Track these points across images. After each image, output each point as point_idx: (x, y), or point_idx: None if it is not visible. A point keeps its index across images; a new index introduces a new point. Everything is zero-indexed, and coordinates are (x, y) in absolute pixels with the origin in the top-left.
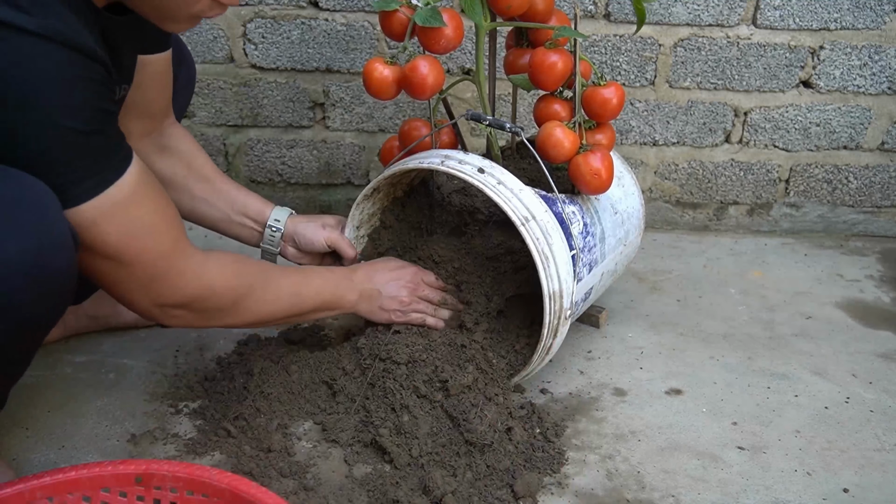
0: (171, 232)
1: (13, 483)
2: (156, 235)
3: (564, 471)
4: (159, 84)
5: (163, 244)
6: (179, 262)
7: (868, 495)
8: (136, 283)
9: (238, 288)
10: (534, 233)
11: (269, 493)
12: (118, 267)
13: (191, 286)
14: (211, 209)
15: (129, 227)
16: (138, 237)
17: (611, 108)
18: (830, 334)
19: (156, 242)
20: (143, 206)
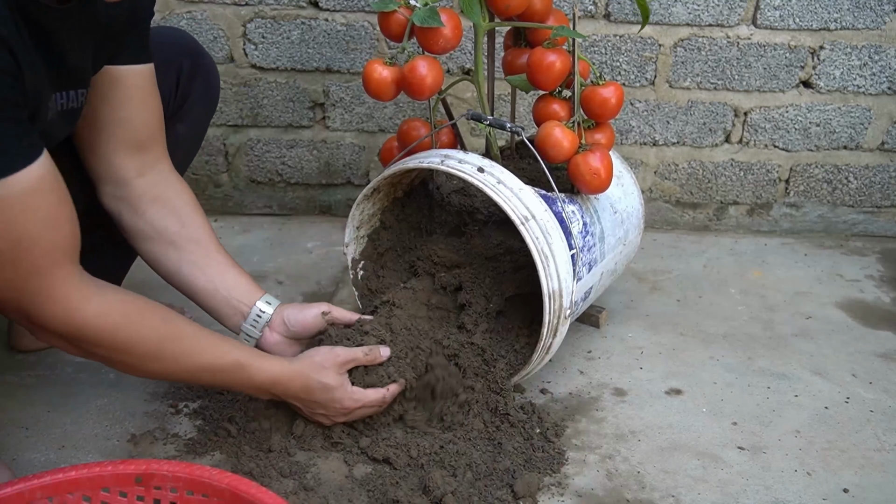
0: (54, 253)
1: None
2: (35, 249)
3: (564, 471)
4: (142, 103)
5: (39, 262)
6: (55, 285)
7: (868, 495)
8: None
9: (119, 342)
10: (533, 232)
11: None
12: None
13: (59, 319)
14: (198, 275)
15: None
16: (13, 247)
17: (610, 107)
18: (830, 334)
19: (32, 258)
20: (30, 213)
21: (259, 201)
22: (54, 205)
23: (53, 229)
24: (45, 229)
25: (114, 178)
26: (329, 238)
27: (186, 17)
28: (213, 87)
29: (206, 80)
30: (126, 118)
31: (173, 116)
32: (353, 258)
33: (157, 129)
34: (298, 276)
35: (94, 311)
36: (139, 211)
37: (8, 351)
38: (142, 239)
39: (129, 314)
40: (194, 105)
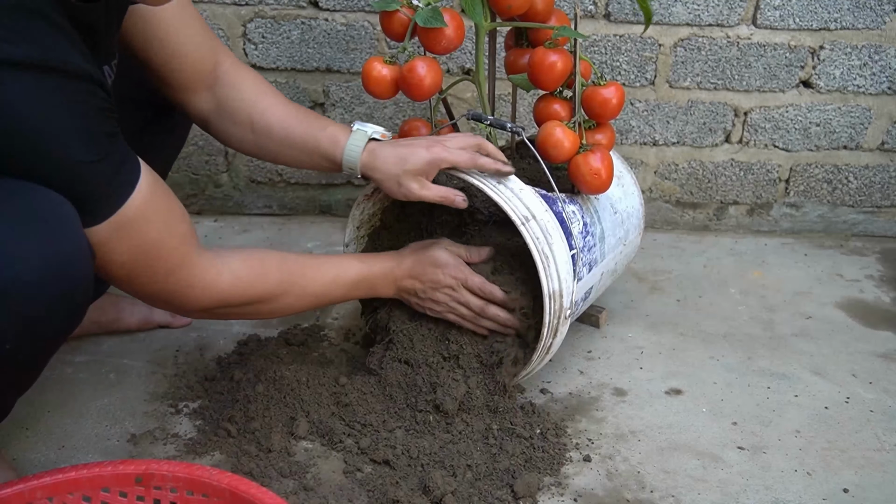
0: (182, 246)
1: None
2: (166, 251)
3: (564, 471)
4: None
5: (173, 259)
6: (190, 272)
7: (868, 495)
8: (152, 296)
9: (254, 297)
10: (534, 232)
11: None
12: (130, 282)
13: (202, 298)
14: (290, 154)
15: (140, 244)
16: (148, 255)
17: (611, 108)
18: (830, 334)
19: (166, 258)
20: (153, 221)
21: (259, 201)
22: (165, 207)
23: (173, 228)
24: (166, 231)
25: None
26: (329, 238)
27: None
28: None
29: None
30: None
31: None
32: None
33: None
34: None
35: (228, 280)
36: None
37: None
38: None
39: (254, 269)
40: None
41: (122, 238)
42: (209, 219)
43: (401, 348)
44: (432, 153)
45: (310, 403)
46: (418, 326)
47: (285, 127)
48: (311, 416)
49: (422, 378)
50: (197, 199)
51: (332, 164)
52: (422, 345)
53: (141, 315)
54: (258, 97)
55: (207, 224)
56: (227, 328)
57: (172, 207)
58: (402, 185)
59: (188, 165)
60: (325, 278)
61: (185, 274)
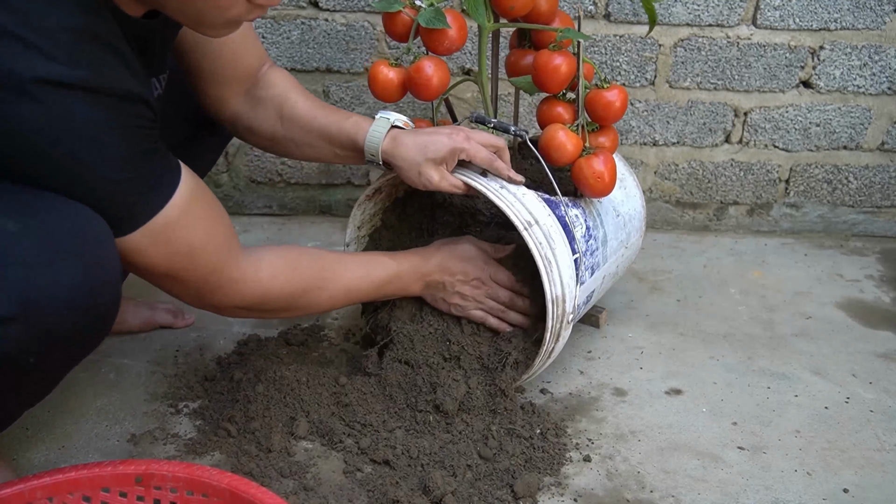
0: (221, 249)
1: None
2: (204, 255)
3: (564, 471)
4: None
5: (211, 261)
6: (230, 273)
7: (868, 495)
8: (191, 295)
9: (293, 291)
10: (537, 237)
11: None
12: (171, 283)
13: (243, 294)
14: (315, 151)
15: (178, 249)
16: (186, 258)
17: (614, 110)
18: (830, 334)
19: (205, 261)
20: (191, 227)
21: (259, 201)
22: (207, 209)
23: (214, 229)
24: (208, 234)
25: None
26: (329, 238)
27: None
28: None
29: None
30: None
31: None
32: None
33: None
34: None
35: (267, 277)
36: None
37: None
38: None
39: (291, 263)
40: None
41: (159, 244)
42: None
43: (401, 348)
44: (454, 140)
45: (310, 403)
46: (419, 327)
47: (312, 116)
48: (311, 417)
49: (422, 378)
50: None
51: (354, 150)
52: (422, 345)
53: (143, 316)
54: (289, 91)
55: None
56: (227, 328)
57: (214, 210)
58: (423, 174)
59: None
60: (357, 274)
61: (226, 275)
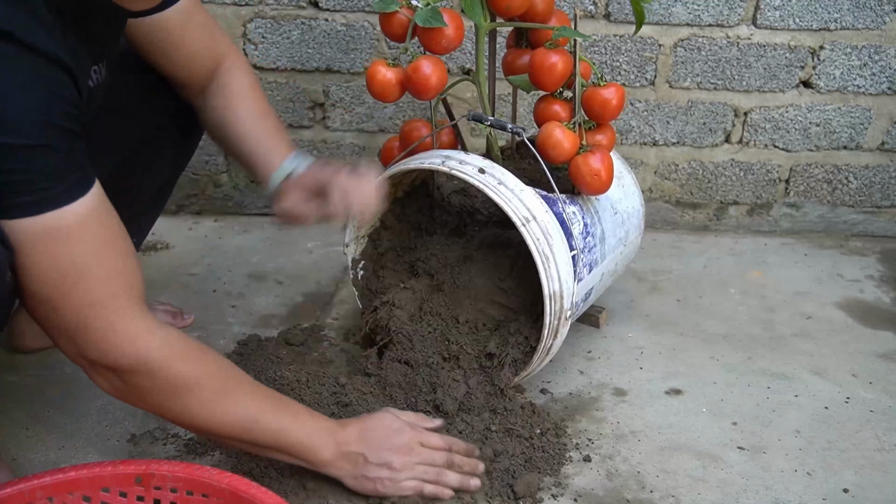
0: (111, 284)
1: (13, 483)
2: (89, 281)
3: (564, 471)
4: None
5: (94, 293)
6: (113, 318)
7: (868, 495)
8: (62, 328)
9: (182, 378)
10: (534, 233)
11: (269, 493)
12: (43, 307)
13: (119, 349)
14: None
15: (60, 263)
16: (66, 278)
17: (611, 108)
18: (830, 334)
19: (87, 288)
20: (83, 245)
21: (259, 201)
22: (106, 237)
23: (106, 260)
24: (97, 260)
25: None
26: (329, 238)
27: None
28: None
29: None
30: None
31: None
32: (353, 258)
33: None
34: (298, 276)
35: (159, 342)
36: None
37: (8, 351)
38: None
39: (193, 350)
40: None
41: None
42: (209, 219)
43: (401, 348)
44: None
45: (310, 403)
46: (419, 327)
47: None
48: None
49: (422, 378)
50: (197, 199)
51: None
52: (422, 345)
53: None
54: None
55: (207, 224)
56: (227, 328)
57: (116, 243)
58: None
59: (188, 165)
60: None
61: (107, 315)
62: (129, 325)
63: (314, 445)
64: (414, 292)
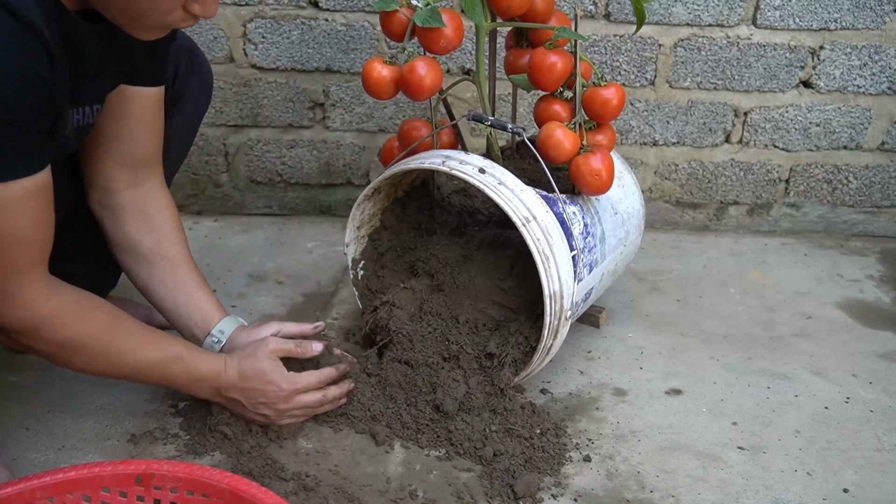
0: (33, 253)
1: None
2: (17, 247)
3: (564, 471)
4: (147, 124)
5: (19, 262)
6: (26, 284)
7: (868, 495)
8: None
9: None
10: (534, 233)
11: (269, 493)
12: None
13: (18, 313)
14: (165, 295)
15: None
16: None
17: (611, 108)
18: (830, 334)
19: (14, 258)
20: (20, 217)
21: (259, 201)
22: (44, 209)
23: (37, 231)
24: (31, 231)
25: (103, 186)
26: (329, 238)
27: None
28: (208, 84)
29: (201, 77)
30: (128, 136)
31: (170, 110)
32: (354, 258)
33: (155, 150)
34: (298, 276)
35: (53, 307)
36: (119, 221)
37: (8, 351)
38: (119, 249)
39: (83, 312)
40: (189, 100)
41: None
42: (209, 219)
43: (401, 349)
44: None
45: None
46: (418, 327)
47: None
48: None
49: (422, 378)
50: (197, 199)
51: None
52: (422, 345)
53: (141, 316)
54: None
55: (207, 224)
56: None
57: (48, 214)
58: None
59: (188, 165)
60: (145, 357)
61: (22, 281)
62: (35, 291)
63: (195, 389)
64: (414, 292)
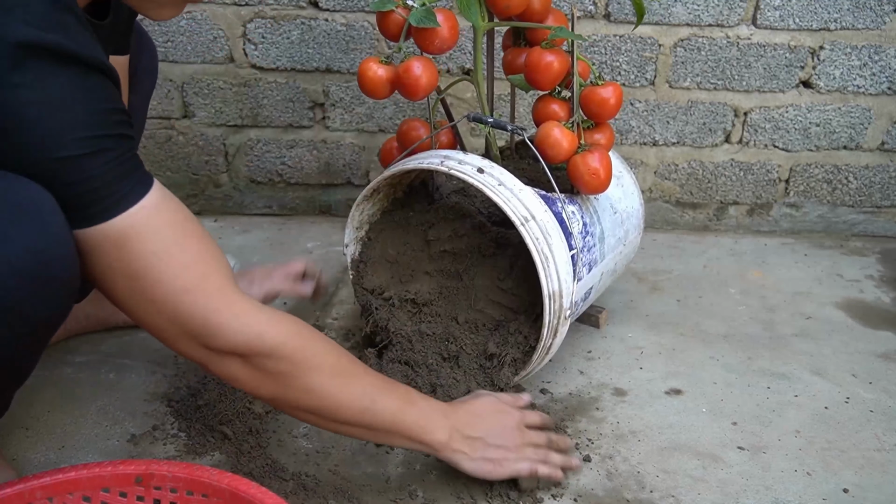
0: (200, 267)
1: (13, 483)
2: (175, 269)
3: None
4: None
5: (185, 279)
6: (213, 299)
7: (868, 495)
8: (167, 323)
9: (301, 351)
10: (533, 233)
11: (269, 493)
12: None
13: (232, 328)
14: None
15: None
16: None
17: (609, 107)
18: (830, 334)
19: (174, 277)
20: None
21: (259, 201)
22: (180, 225)
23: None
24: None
25: None
26: (329, 238)
27: (186, 17)
28: (154, 58)
29: (149, 52)
30: None
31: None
32: (353, 258)
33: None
34: None
35: (267, 319)
36: None
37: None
38: None
39: (300, 326)
40: (142, 77)
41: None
42: (209, 219)
43: (400, 349)
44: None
45: None
46: (418, 327)
47: None
48: None
49: (422, 378)
50: (197, 199)
51: None
52: (422, 345)
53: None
54: None
55: (207, 224)
56: None
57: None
58: None
59: (188, 165)
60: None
61: (204, 296)
62: (234, 305)
63: (430, 427)
64: (414, 293)
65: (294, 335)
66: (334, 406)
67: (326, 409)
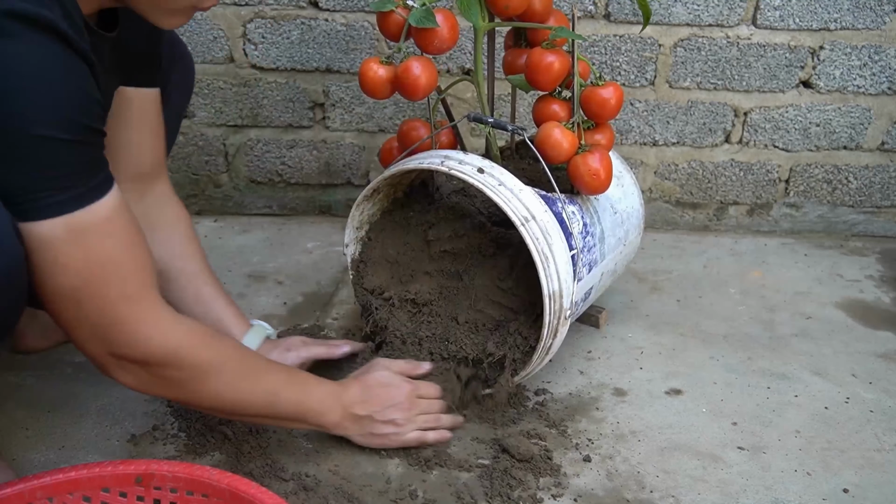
0: (141, 276)
1: (13, 483)
2: (122, 275)
3: (564, 471)
4: (147, 127)
5: (128, 287)
6: (144, 311)
7: (868, 495)
8: (92, 324)
9: (208, 361)
10: (533, 233)
11: (269, 493)
12: (74, 304)
13: (152, 342)
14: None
15: (94, 258)
16: (102, 271)
17: (609, 108)
18: (830, 334)
19: (121, 282)
20: (114, 239)
21: (259, 201)
22: (132, 231)
23: (136, 253)
24: (128, 253)
25: None
26: (329, 238)
27: None
28: (190, 73)
29: (184, 67)
30: (130, 142)
31: None
32: (353, 258)
33: (159, 155)
34: (298, 276)
35: (184, 331)
36: None
37: (8, 351)
38: None
39: (213, 336)
40: (173, 91)
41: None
42: (209, 219)
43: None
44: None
45: None
46: (418, 327)
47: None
48: None
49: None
50: (197, 200)
51: None
52: (421, 345)
53: None
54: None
55: (207, 224)
56: None
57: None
58: None
59: (188, 165)
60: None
61: (138, 308)
62: (159, 317)
63: (324, 410)
64: (414, 293)
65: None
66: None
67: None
